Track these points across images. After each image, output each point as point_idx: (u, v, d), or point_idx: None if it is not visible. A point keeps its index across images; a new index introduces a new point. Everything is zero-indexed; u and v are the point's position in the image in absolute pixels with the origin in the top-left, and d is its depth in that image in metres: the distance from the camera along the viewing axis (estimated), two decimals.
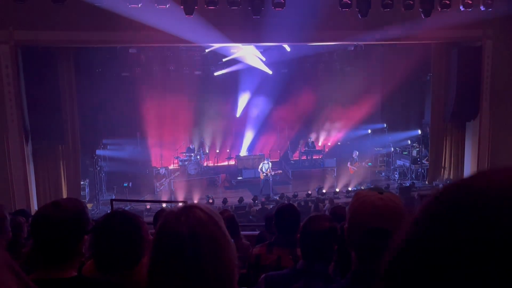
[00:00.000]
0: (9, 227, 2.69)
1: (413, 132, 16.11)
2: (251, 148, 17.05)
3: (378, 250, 1.33)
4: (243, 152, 16.85)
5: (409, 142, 15.81)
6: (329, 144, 17.43)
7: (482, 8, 9.33)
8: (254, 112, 16.99)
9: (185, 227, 1.13)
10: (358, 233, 1.38)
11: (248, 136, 17.08)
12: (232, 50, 14.65)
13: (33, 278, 1.64)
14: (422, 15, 9.22)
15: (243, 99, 16.93)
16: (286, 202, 8.40)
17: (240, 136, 17.18)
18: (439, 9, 9.24)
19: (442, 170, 12.76)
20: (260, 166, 14.18)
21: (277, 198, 12.65)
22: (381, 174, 15.84)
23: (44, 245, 1.70)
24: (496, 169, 0.51)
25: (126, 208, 10.99)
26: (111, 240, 1.84)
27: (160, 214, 3.93)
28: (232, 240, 1.23)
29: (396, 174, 14.86)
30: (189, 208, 1.19)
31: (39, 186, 10.16)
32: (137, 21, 8.72)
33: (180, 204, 9.80)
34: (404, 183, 14.01)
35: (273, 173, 14.19)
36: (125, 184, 13.38)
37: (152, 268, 1.17)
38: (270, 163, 14.22)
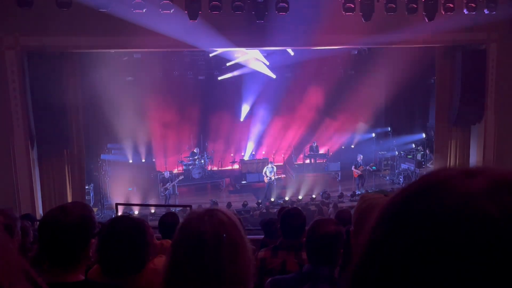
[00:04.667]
0: (19, 231, 2.69)
1: (418, 136, 16.05)
2: (255, 152, 17.05)
3: None
4: (247, 156, 16.85)
5: (413, 145, 15.75)
6: (333, 148, 17.40)
7: (486, 11, 9.31)
8: (258, 115, 17.00)
9: (208, 227, 1.15)
10: (364, 236, 1.37)
11: (252, 140, 17.09)
12: (236, 55, 14.70)
13: None
14: (425, 18, 9.21)
15: (247, 103, 16.95)
16: (290, 206, 8.39)
17: (244, 140, 17.19)
18: (443, 12, 9.23)
19: None
20: (264, 170, 14.17)
21: (281, 202, 12.64)
22: (386, 178, 15.78)
23: (51, 249, 1.70)
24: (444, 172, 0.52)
25: (131, 213, 11.01)
26: (116, 245, 1.84)
27: (165, 218, 3.93)
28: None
29: (400, 178, 14.81)
30: (211, 210, 1.21)
31: (44, 190, 10.19)
32: (142, 26, 8.76)
33: (181, 207, 9.80)
34: None
35: (277, 177, 14.17)
36: (130, 189, 13.40)
37: (171, 268, 1.18)
38: (274, 167, 14.21)
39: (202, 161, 15.44)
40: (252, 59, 15.13)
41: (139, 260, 1.86)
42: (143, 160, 15.56)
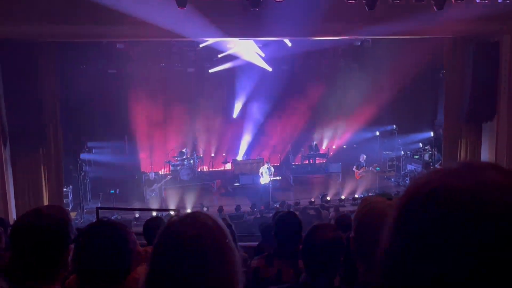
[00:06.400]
0: None
1: (425, 134, 16.13)
2: (249, 151, 17.05)
3: None
4: (240, 156, 16.84)
5: (420, 145, 15.83)
6: (333, 147, 17.44)
7: (499, 0, 9.36)
8: (253, 112, 16.99)
9: (190, 229, 1.16)
10: (365, 243, 1.38)
11: (246, 139, 17.09)
12: (228, 45, 14.67)
13: None
14: (434, 7, 9.24)
15: (241, 98, 16.95)
16: (286, 210, 8.40)
17: (237, 139, 17.19)
18: (453, 1, 9.26)
19: None
20: (260, 171, 14.17)
21: (277, 206, 12.65)
22: (391, 180, 15.84)
23: (25, 256, 1.69)
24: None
25: (113, 217, 10.97)
26: (96, 253, 1.83)
27: (151, 223, 3.93)
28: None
29: (406, 180, 14.87)
30: (194, 213, 1.22)
31: (18, 193, 10.13)
32: (125, 14, 8.71)
33: (168, 211, 9.77)
34: None
35: (273, 178, 14.17)
36: (112, 191, 13.35)
37: (151, 275, 1.18)
38: (272, 168, 14.22)
39: (191, 161, 15.42)
40: (246, 50, 15.12)
41: (121, 269, 1.85)
42: (127, 160, 15.50)
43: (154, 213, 10.15)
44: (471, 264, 0.49)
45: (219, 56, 15.22)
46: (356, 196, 13.49)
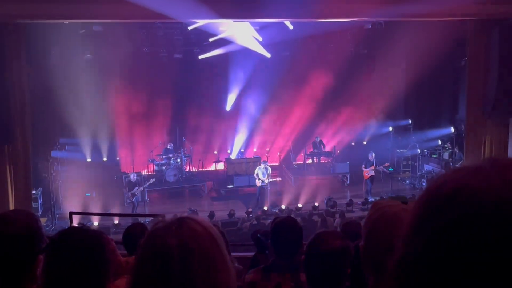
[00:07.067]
0: None
1: (445, 130, 16.17)
2: (244, 149, 17.05)
3: None
4: (234, 155, 16.84)
5: (439, 142, 15.86)
6: (340, 144, 17.45)
7: None
8: (248, 105, 16.98)
9: (175, 238, 1.15)
10: (377, 252, 1.38)
11: (241, 135, 17.08)
12: (221, 28, 14.65)
13: None
14: None
15: (235, 88, 16.93)
16: (286, 215, 8.41)
17: (230, 135, 17.19)
18: None
19: None
20: (256, 171, 14.18)
21: (276, 211, 12.67)
22: (405, 181, 15.88)
23: None
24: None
25: (88, 224, 10.95)
26: (68, 264, 1.82)
27: (132, 230, 3.92)
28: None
29: (423, 181, 14.91)
30: (181, 218, 1.21)
31: None
32: None
33: (152, 217, 9.76)
34: None
35: (271, 180, 14.18)
36: (88, 194, 13.33)
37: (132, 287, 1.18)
38: (269, 168, 14.23)
39: (178, 160, 15.40)
40: (241, 33, 15.10)
41: (97, 281, 1.84)
42: (105, 159, 15.49)
43: (137, 219, 10.17)
44: (498, 269, 0.49)
45: (210, 40, 15.19)
46: (366, 199, 13.51)
